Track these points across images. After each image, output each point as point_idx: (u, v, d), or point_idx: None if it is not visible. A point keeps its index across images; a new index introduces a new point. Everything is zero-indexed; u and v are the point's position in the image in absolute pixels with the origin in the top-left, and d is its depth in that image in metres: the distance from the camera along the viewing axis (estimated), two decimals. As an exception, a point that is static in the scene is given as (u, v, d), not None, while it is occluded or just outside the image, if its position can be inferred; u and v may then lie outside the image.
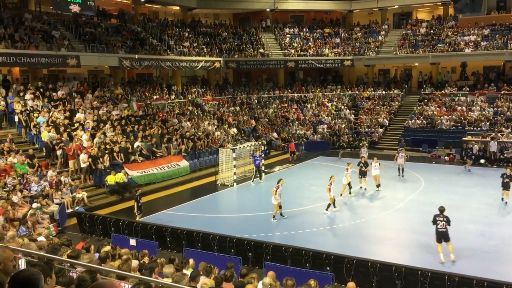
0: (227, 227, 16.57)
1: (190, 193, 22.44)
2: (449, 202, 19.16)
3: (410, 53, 38.37)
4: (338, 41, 42.24)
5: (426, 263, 12.21)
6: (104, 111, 25.60)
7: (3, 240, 7.27)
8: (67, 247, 8.94)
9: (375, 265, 11.31)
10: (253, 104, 38.14)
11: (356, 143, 32.94)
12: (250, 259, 12.90)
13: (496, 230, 15.79)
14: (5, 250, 4.15)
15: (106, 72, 32.44)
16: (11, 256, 4.09)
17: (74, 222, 17.02)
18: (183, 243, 13.86)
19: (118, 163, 21.95)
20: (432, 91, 37.00)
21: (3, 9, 26.23)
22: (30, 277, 3.17)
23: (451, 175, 24.48)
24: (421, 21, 41.87)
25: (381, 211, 18.41)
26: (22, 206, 16.20)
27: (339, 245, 14.72)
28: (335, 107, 38.36)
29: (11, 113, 22.52)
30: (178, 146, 25.60)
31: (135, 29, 33.30)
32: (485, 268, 12.41)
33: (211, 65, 36.05)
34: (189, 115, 31.16)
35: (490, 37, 36.08)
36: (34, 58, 23.48)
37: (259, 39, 41.35)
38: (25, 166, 18.71)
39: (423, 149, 30.69)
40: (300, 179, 24.32)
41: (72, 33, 28.03)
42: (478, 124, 31.14)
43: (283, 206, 17.59)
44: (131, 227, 15.00)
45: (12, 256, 4.13)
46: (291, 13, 44.49)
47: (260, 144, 26.40)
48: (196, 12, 41.10)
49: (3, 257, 3.96)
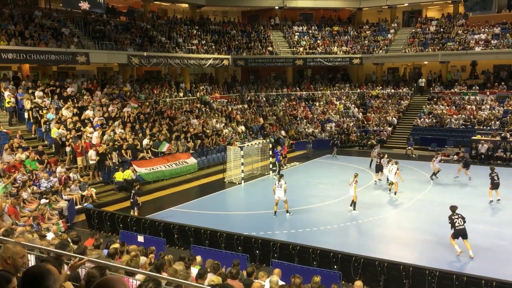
0: (235, 224, 16.61)
1: (198, 191, 22.50)
2: (457, 201, 18.98)
3: (419, 52, 38.16)
4: (347, 39, 42.09)
5: (434, 263, 12.15)
6: (114, 108, 25.70)
7: (12, 235, 7.33)
8: (76, 243, 9.01)
9: (383, 264, 11.27)
10: (261, 102, 38.12)
11: (364, 142, 32.87)
12: (258, 257, 12.91)
13: (505, 231, 15.69)
14: (16, 245, 4.13)
15: (115, 69, 32.58)
16: (21, 252, 4.05)
17: (83, 219, 17.13)
18: (190, 240, 13.90)
19: (127, 160, 22.05)
20: (442, 89, 36.78)
21: (14, 6, 26.41)
22: (40, 273, 3.19)
23: (459, 174, 24.28)
24: (431, 19, 41.58)
25: (389, 210, 18.35)
26: (31, 202, 16.34)
27: (347, 243, 14.69)
28: (344, 105, 38.25)
29: (21, 110, 22.69)
30: (186, 143, 25.66)
31: (144, 26, 33.40)
32: (494, 268, 12.33)
33: (220, 62, 36.06)
34: (197, 113, 31.22)
35: (500, 35, 35.77)
36: (44, 55, 23.64)
37: (268, 36, 41.30)
38: (35, 163, 18.84)
39: (432, 148, 30.53)
40: (307, 177, 24.29)
41: (82, 31, 28.18)
42: (487, 123, 30.92)
43: (290, 204, 17.59)
44: (139, 223, 15.07)
45: (22, 252, 4.09)
46: (300, 11, 44.38)
47: (268, 142, 26.41)
48: (204, 9, 41.13)
49: (13, 252, 3.94)
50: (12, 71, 26.22)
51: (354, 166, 25.63)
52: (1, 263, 3.89)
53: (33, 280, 3.17)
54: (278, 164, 24.86)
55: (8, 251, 3.93)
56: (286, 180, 17.59)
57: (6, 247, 4.00)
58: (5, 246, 4.06)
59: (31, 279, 3.17)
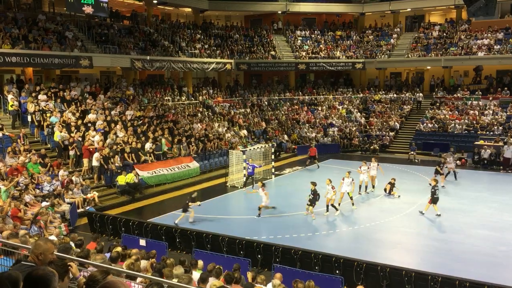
0: (237, 228, 16.60)
1: (200, 194, 22.48)
2: (459, 206, 19.11)
3: (422, 56, 38.17)
4: (349, 44, 42.14)
5: (436, 268, 12.12)
6: (116, 111, 25.77)
7: (16, 238, 7.36)
8: (79, 247, 9.02)
9: (385, 269, 11.24)
10: (264, 106, 38.16)
11: (367, 146, 32.85)
12: (259, 261, 12.89)
13: (506, 236, 15.63)
14: (47, 242, 4.36)
15: (118, 73, 32.67)
16: (52, 249, 4.27)
17: (85, 222, 17.15)
18: (192, 244, 13.90)
19: (129, 163, 22.08)
20: (444, 94, 36.76)
21: (18, 10, 26.54)
22: (44, 276, 3.21)
23: (461, 179, 24.27)
24: (434, 24, 41.62)
25: (391, 215, 18.31)
26: (34, 206, 16.36)
27: (349, 248, 14.66)
28: (346, 110, 38.25)
29: (24, 113, 22.76)
30: (188, 147, 25.69)
31: (147, 30, 33.51)
32: (496, 274, 12.29)
33: (222, 66, 36.15)
34: (199, 117, 31.26)
35: (503, 41, 35.76)
36: (47, 59, 23.73)
37: (270, 41, 41.38)
38: (38, 166, 18.89)
39: (435, 153, 30.48)
40: (310, 181, 24.20)
41: (85, 34, 28.29)
42: (490, 129, 30.87)
43: (292, 208, 17.58)
44: (141, 227, 15.07)
45: (53, 248, 4.32)
46: (302, 15, 44.46)
47: (270, 146, 26.41)
48: (207, 14, 41.27)
49: (44, 249, 4.16)
50: (16, 74, 26.32)
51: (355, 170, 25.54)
52: (33, 258, 4.14)
53: (38, 282, 3.18)
54: (249, 177, 23.36)
55: (40, 247, 4.17)
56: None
57: (38, 244, 4.24)
58: (37, 243, 4.29)
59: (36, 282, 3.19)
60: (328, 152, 32.03)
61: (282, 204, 19.72)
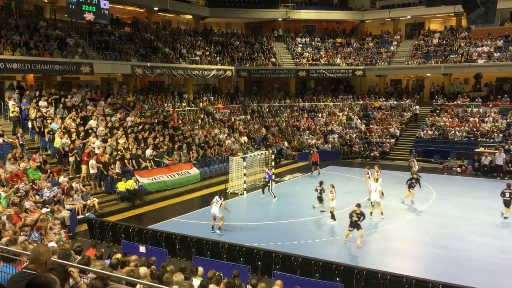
0: (237, 235, 16.57)
1: (200, 201, 22.45)
2: (460, 213, 19.08)
3: (422, 64, 38.26)
4: (349, 51, 42.26)
5: (437, 275, 12.08)
6: (117, 118, 25.79)
7: (16, 245, 7.34)
8: (79, 254, 8.99)
9: (386, 276, 11.21)
10: (264, 113, 38.20)
11: (367, 153, 32.86)
12: (259, 268, 12.86)
13: (508, 243, 15.61)
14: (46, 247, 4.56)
15: (119, 79, 32.73)
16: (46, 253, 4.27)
17: (85, 228, 17.11)
18: (192, 251, 13.87)
19: (129, 170, 22.08)
20: (444, 102, 36.82)
21: (19, 16, 26.62)
22: (46, 283, 3.21)
23: (462, 186, 24.27)
24: (434, 32, 41.77)
25: (392, 222, 18.27)
26: (34, 212, 16.33)
27: (349, 255, 14.63)
28: (346, 116, 38.29)
29: (25, 119, 22.78)
30: (188, 153, 25.69)
31: (148, 37, 33.61)
32: (497, 281, 12.26)
33: (223, 73, 36.22)
34: (200, 123, 31.29)
35: (503, 48, 35.87)
36: (48, 65, 23.79)
37: (271, 48, 41.51)
38: (38, 172, 18.87)
39: (435, 160, 30.49)
40: (310, 188, 24.18)
41: (86, 41, 28.38)
42: (490, 136, 30.89)
43: (294, 214, 17.52)
44: (141, 234, 15.04)
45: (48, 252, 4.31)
46: (303, 22, 44.62)
47: (270, 153, 26.39)
48: (208, 21, 41.41)
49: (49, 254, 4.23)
50: (17, 80, 26.36)
51: (356, 177, 25.56)
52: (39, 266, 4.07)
53: None
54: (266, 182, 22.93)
55: (46, 253, 4.20)
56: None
57: (45, 250, 4.26)
58: (44, 249, 4.29)
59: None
60: (328, 159, 32.01)
61: (282, 210, 19.68)
